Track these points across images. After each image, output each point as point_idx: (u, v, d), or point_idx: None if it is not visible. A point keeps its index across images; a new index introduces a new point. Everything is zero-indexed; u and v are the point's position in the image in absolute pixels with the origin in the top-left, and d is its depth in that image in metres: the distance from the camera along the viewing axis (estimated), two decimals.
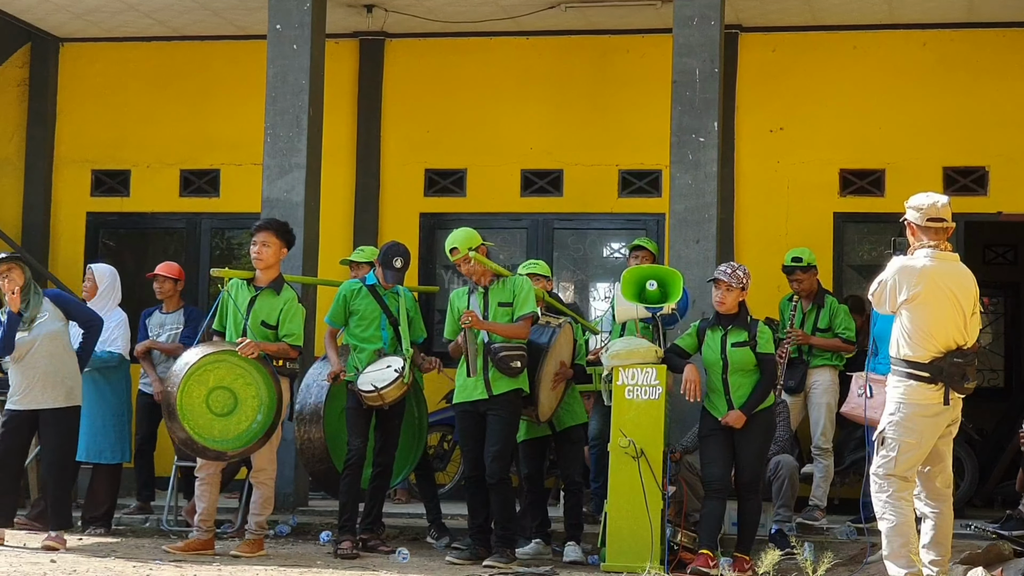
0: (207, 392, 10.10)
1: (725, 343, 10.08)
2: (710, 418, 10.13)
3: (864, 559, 10.17)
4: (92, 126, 15.14)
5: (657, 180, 14.00)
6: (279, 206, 12.23)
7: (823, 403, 11.89)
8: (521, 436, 10.64)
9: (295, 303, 10.45)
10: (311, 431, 11.11)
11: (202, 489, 10.50)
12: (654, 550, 9.88)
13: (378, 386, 10.38)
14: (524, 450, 10.81)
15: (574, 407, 10.83)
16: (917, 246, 8.59)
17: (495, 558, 9.96)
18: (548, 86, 14.37)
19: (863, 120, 13.80)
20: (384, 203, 14.56)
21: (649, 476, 10.02)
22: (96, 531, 11.36)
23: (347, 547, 10.38)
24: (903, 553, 8.33)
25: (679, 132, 11.98)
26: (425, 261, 14.40)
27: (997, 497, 13.52)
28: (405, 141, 14.59)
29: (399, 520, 11.86)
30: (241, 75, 14.60)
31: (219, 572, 9.35)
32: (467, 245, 10.24)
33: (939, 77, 13.76)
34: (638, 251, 12.14)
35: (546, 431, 10.78)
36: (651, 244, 12.29)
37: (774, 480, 11.13)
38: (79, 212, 15.13)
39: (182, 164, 14.93)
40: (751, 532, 10.19)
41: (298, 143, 12.36)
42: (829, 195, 13.86)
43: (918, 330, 8.41)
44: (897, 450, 8.41)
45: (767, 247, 13.62)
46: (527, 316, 10.17)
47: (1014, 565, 9.20)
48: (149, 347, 12.14)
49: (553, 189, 14.33)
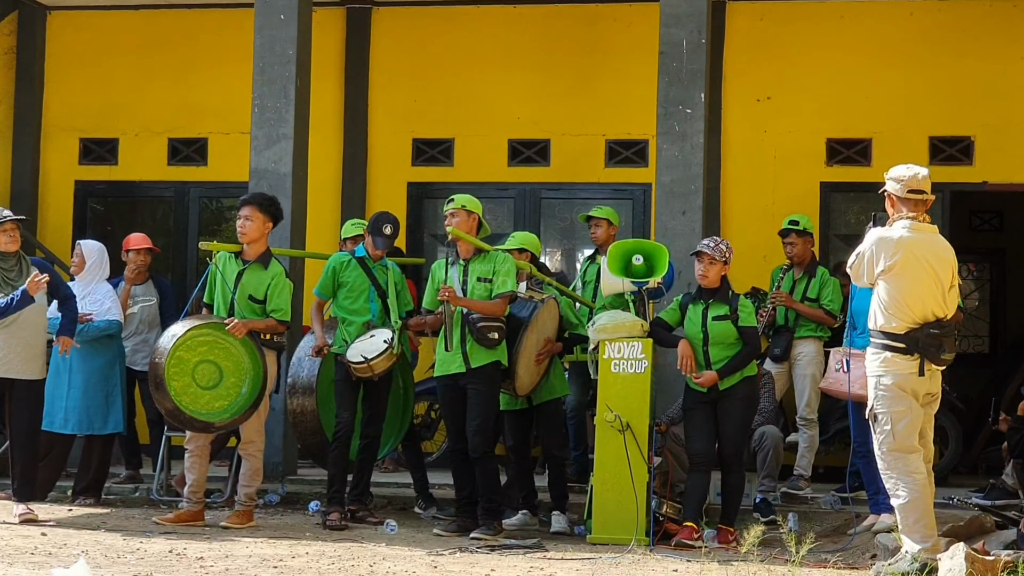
0: (193, 365, 10.16)
1: (706, 316, 10.16)
2: (693, 391, 10.22)
3: (851, 530, 10.25)
4: (80, 94, 15.12)
5: (644, 150, 14.02)
6: (267, 177, 12.25)
7: (807, 374, 11.96)
8: (504, 406, 10.71)
9: (283, 278, 10.50)
10: (304, 404, 11.18)
11: (191, 461, 10.57)
12: (639, 522, 9.97)
13: (368, 357, 10.44)
14: (509, 421, 10.88)
15: (553, 381, 10.86)
16: (896, 217, 8.65)
17: (482, 530, 10.04)
18: (535, 55, 14.37)
19: (850, 90, 13.83)
20: (372, 173, 14.57)
21: (635, 449, 10.09)
22: (86, 501, 11.42)
23: (335, 519, 10.46)
24: (918, 528, 8.38)
25: (665, 103, 12.02)
26: (413, 231, 14.42)
27: (982, 464, 13.61)
28: (393, 111, 14.59)
29: (387, 490, 11.94)
30: (229, 44, 14.57)
31: (210, 544, 9.42)
32: (463, 202, 10.34)
33: (926, 47, 13.78)
34: (592, 221, 12.02)
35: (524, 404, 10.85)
36: (604, 212, 12.09)
37: (759, 451, 11.23)
38: (67, 180, 15.12)
39: (170, 133, 14.92)
40: (735, 504, 10.30)
41: (286, 114, 12.37)
42: (816, 165, 13.89)
43: (894, 301, 8.47)
44: (891, 422, 8.45)
45: (754, 217, 13.67)
46: (505, 295, 10.22)
47: (996, 537, 9.24)
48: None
49: (540, 159, 14.36)
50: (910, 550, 8.37)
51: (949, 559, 7.89)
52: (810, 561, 8.90)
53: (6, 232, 10.52)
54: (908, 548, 8.40)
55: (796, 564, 7.63)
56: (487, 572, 8.51)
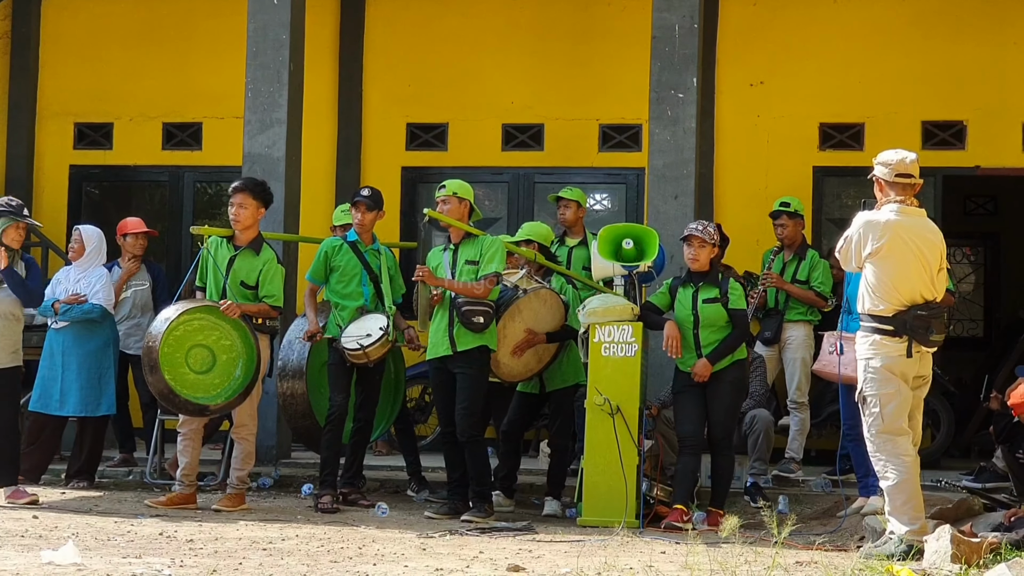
0: (186, 350, 10.19)
1: (696, 299, 10.20)
2: (682, 375, 10.27)
3: (840, 512, 10.29)
4: (75, 79, 15.12)
5: (637, 135, 14.02)
6: (260, 161, 12.27)
7: (798, 358, 12.00)
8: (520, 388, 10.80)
9: (274, 264, 10.54)
10: (294, 387, 11.23)
11: (184, 444, 10.62)
12: (629, 505, 10.01)
13: (364, 344, 10.47)
14: (515, 399, 10.95)
15: (565, 369, 10.88)
16: (884, 201, 8.67)
17: (473, 513, 10.08)
18: (530, 40, 14.37)
19: (843, 74, 13.83)
20: (366, 157, 14.58)
21: (624, 432, 10.13)
22: (79, 484, 11.46)
23: (327, 502, 10.50)
24: (905, 510, 8.42)
25: (658, 88, 12.05)
26: (407, 215, 14.45)
27: (974, 447, 13.65)
28: (387, 95, 14.60)
29: (380, 473, 11.98)
30: (224, 28, 14.56)
31: (201, 527, 9.46)
32: (454, 189, 10.39)
33: (918, 32, 13.77)
34: (561, 202, 11.95)
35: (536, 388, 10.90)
36: (575, 194, 11.99)
37: (749, 434, 11.26)
38: (62, 165, 15.13)
39: (165, 117, 14.93)
40: (724, 487, 10.34)
41: (279, 98, 12.38)
42: (809, 149, 13.89)
43: (881, 284, 8.50)
44: (879, 404, 8.49)
45: (747, 202, 13.67)
46: (489, 276, 10.23)
47: (984, 520, 9.28)
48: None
49: (534, 143, 14.37)
50: (897, 532, 8.41)
51: (935, 541, 7.93)
52: (798, 543, 8.96)
53: (18, 229, 10.60)
54: (895, 530, 8.44)
55: (779, 546, 7.65)
56: (476, 554, 8.54)
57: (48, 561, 7.64)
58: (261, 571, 7.66)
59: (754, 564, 7.73)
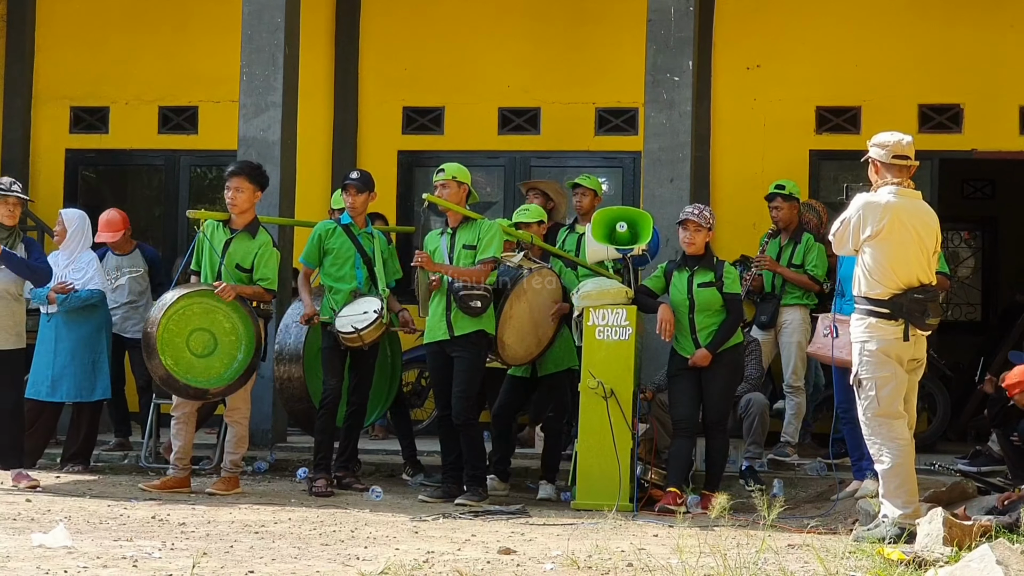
0: (187, 334, 10.18)
1: (691, 283, 10.20)
2: (677, 358, 10.26)
3: (833, 496, 10.29)
4: (71, 63, 15.10)
5: (634, 118, 13.99)
6: (255, 145, 12.25)
7: (794, 342, 11.98)
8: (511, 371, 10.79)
9: (270, 247, 10.53)
10: (291, 371, 11.23)
11: (178, 428, 10.61)
12: (623, 488, 10.00)
13: (358, 327, 10.45)
14: (506, 383, 10.94)
15: (559, 353, 10.86)
16: (880, 183, 8.66)
17: (467, 496, 10.08)
18: (526, 23, 14.34)
19: (839, 58, 13.80)
20: (362, 141, 14.56)
21: (618, 416, 10.12)
22: (75, 468, 11.46)
23: (321, 485, 10.50)
24: (900, 493, 8.43)
25: (653, 71, 12.02)
26: (403, 199, 14.43)
27: (971, 431, 13.64)
28: (383, 79, 14.57)
29: (375, 456, 11.98)
30: (220, 11, 14.53)
31: (193, 510, 9.46)
32: (453, 173, 10.39)
33: (915, 14, 13.74)
34: (579, 189, 11.93)
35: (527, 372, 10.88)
36: (592, 182, 12.03)
37: (744, 418, 11.25)
38: (58, 149, 15.12)
39: (160, 101, 14.91)
40: (718, 470, 10.34)
41: (274, 82, 12.35)
42: (805, 133, 13.87)
43: (879, 267, 8.49)
44: (875, 388, 8.50)
45: (743, 185, 13.65)
46: (487, 260, 10.24)
47: (977, 503, 9.28)
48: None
49: (530, 127, 14.35)
50: (890, 515, 8.42)
51: (927, 524, 7.92)
52: (791, 526, 8.96)
53: (7, 205, 10.56)
54: (888, 513, 8.44)
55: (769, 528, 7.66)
56: (468, 537, 8.54)
57: (39, 544, 7.63)
58: (252, 554, 7.66)
59: (745, 547, 7.73)
